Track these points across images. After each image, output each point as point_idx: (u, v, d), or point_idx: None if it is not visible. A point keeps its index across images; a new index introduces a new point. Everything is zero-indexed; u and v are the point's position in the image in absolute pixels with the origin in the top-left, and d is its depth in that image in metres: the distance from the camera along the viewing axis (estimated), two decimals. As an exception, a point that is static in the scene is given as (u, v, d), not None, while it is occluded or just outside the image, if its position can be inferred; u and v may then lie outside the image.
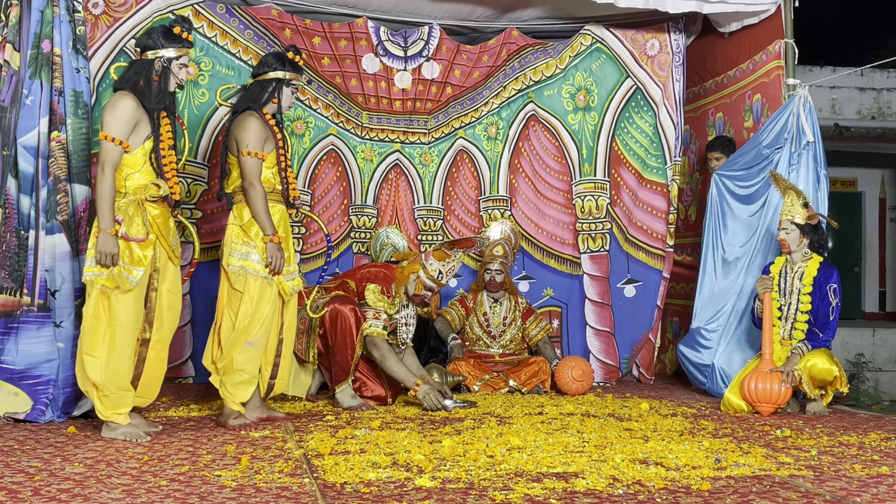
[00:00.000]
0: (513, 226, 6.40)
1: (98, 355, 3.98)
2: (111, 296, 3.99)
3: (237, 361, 4.38)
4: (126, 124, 4.01)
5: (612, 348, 6.60)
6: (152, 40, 4.15)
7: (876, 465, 3.62)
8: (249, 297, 4.40)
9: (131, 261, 4.01)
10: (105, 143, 3.99)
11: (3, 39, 4.55)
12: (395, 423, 4.51)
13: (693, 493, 3.12)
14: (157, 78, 4.12)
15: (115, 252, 3.95)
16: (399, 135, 6.64)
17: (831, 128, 11.47)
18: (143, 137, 4.08)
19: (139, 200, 4.06)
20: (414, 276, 5.27)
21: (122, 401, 4.04)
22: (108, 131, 3.99)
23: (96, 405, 4.05)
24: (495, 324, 6.14)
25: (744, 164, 6.04)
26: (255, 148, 4.37)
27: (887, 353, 11.45)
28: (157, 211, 4.12)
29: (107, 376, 3.98)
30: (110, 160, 3.98)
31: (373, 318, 5.08)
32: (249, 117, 4.45)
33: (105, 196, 3.96)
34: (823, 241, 5.23)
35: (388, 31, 6.49)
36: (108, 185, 3.97)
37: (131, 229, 4.01)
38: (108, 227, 3.96)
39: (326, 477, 3.26)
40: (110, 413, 4.02)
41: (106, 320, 4.00)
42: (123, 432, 4.00)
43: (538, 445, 3.89)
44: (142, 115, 4.06)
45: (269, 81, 4.55)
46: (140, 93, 4.09)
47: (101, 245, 3.95)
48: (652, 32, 6.68)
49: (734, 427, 4.55)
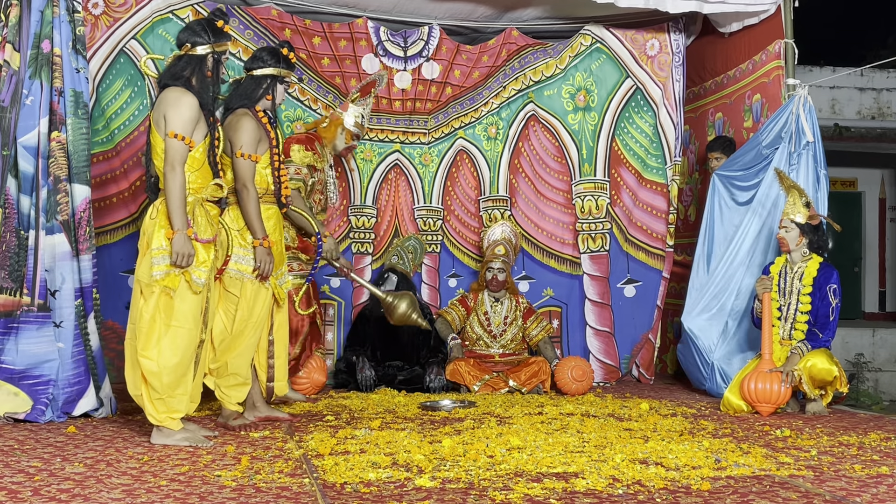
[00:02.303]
0: (513, 227, 6.41)
1: (153, 356, 3.83)
2: (174, 297, 3.85)
3: (232, 365, 4.36)
4: (190, 122, 3.88)
5: (611, 348, 6.60)
6: (199, 35, 4.01)
7: (876, 465, 3.62)
8: (246, 301, 4.35)
9: (198, 262, 3.90)
10: (172, 142, 3.84)
11: (3, 39, 4.55)
12: (395, 423, 4.51)
13: (693, 493, 3.12)
14: (210, 73, 4.03)
15: (192, 253, 3.82)
16: (399, 135, 6.65)
17: (831, 128, 11.46)
18: (202, 136, 3.96)
19: (199, 200, 3.96)
20: (340, 129, 5.43)
21: (178, 405, 3.91)
22: (174, 129, 3.85)
23: (148, 409, 3.88)
24: (496, 323, 6.15)
25: (743, 165, 6.04)
26: (248, 150, 4.28)
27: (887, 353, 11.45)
28: (215, 211, 4.06)
29: (166, 379, 3.84)
30: (180, 159, 3.84)
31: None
32: (244, 117, 4.37)
33: (178, 196, 3.81)
34: (823, 241, 5.23)
35: (388, 32, 6.49)
36: (179, 185, 3.82)
37: (199, 230, 3.90)
38: (182, 227, 3.81)
39: (326, 477, 3.26)
40: (164, 417, 3.88)
41: (172, 324, 3.86)
42: (182, 437, 3.88)
43: (538, 445, 3.89)
44: (200, 113, 3.95)
45: (263, 77, 4.47)
46: (194, 90, 3.97)
47: (179, 246, 3.79)
48: (652, 32, 6.68)
49: (734, 427, 4.55)
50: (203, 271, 3.91)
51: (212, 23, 4.08)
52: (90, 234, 4.68)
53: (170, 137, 3.86)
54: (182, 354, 3.88)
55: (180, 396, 3.91)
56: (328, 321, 6.36)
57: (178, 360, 3.86)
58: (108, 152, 5.75)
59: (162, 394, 3.86)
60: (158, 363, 3.83)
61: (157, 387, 3.84)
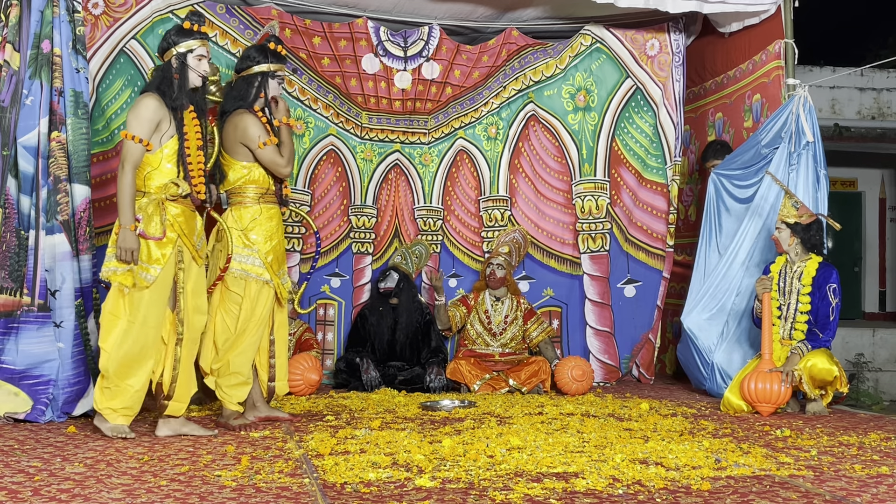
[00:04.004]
0: (525, 234, 6.43)
1: (109, 348, 4.00)
2: (130, 293, 4.00)
3: (233, 364, 4.38)
4: (147, 122, 4.01)
5: (612, 348, 6.60)
6: (167, 41, 4.18)
7: (876, 465, 3.62)
8: (249, 299, 4.39)
9: (149, 259, 4.02)
10: (126, 142, 4.01)
11: (3, 39, 4.55)
12: (395, 423, 4.51)
13: (693, 493, 3.12)
14: (177, 75, 4.12)
15: (134, 248, 3.96)
16: (399, 135, 6.64)
17: (831, 128, 11.45)
18: (167, 137, 4.08)
19: (160, 199, 4.06)
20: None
21: (123, 398, 4.01)
22: (129, 130, 4.01)
23: (95, 394, 4.07)
24: (496, 322, 6.15)
25: (742, 164, 6.04)
26: (265, 137, 4.40)
27: (887, 353, 11.45)
28: (177, 210, 4.10)
29: (112, 367, 3.99)
30: (130, 158, 4.00)
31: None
32: (244, 115, 4.42)
33: (124, 193, 3.99)
34: (816, 240, 5.22)
35: (388, 32, 6.48)
36: (127, 183, 3.99)
37: (149, 227, 4.02)
38: (127, 223, 3.97)
39: (326, 477, 3.27)
40: (104, 405, 4.03)
41: (125, 317, 4.01)
42: (111, 427, 4.02)
43: (538, 445, 3.89)
44: (164, 115, 4.06)
45: (253, 76, 4.51)
46: (162, 93, 4.09)
47: (121, 241, 3.97)
48: (652, 32, 6.68)
49: (734, 427, 4.55)
50: (156, 269, 4.02)
51: (180, 27, 4.18)
52: (90, 234, 4.69)
53: (126, 139, 4.01)
54: (129, 348, 4.01)
55: (127, 390, 4.02)
56: (328, 321, 6.36)
57: (125, 352, 4.00)
58: (108, 152, 5.75)
59: (109, 384, 4.01)
60: (110, 354, 4.00)
61: (107, 376, 4.02)
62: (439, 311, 6.19)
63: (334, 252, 6.44)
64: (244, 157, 4.45)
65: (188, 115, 4.19)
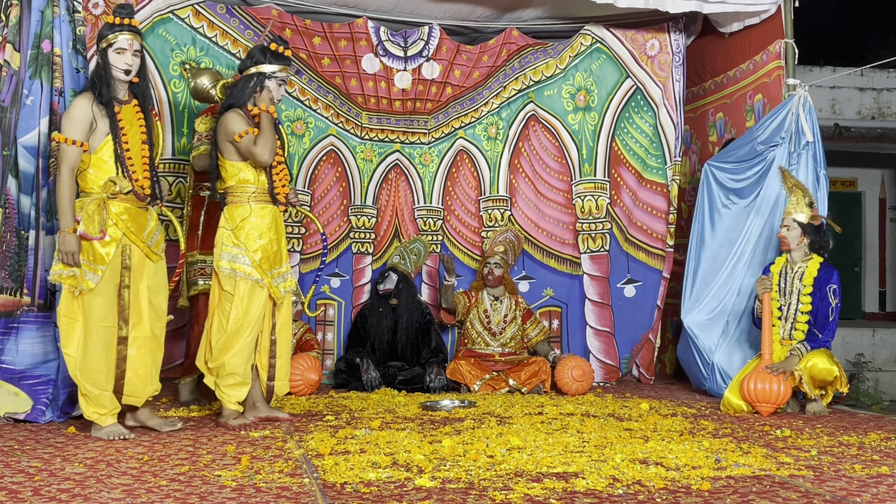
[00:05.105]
0: (518, 232, 6.43)
1: (72, 353, 3.98)
2: (81, 295, 3.98)
3: (229, 364, 4.37)
4: (79, 123, 3.98)
5: (612, 348, 6.60)
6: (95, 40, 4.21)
7: (876, 465, 3.62)
8: (240, 299, 4.37)
9: (94, 259, 3.99)
10: (60, 145, 3.99)
11: (3, 39, 4.55)
12: (395, 423, 4.51)
13: (693, 493, 3.12)
14: (102, 72, 4.08)
15: (74, 251, 3.93)
16: (399, 135, 6.65)
17: (831, 128, 11.45)
18: (104, 135, 4.03)
19: (101, 199, 4.02)
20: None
21: (100, 400, 4.02)
22: (63, 132, 4.00)
23: (81, 403, 4.05)
24: (496, 321, 6.15)
25: (737, 158, 6.05)
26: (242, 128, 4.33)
27: (887, 353, 11.44)
28: (120, 208, 4.06)
29: (82, 375, 3.98)
30: (66, 161, 3.97)
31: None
32: (228, 113, 4.40)
33: (61, 196, 3.96)
34: (824, 242, 5.22)
35: (388, 32, 6.48)
36: (64, 186, 3.96)
37: (88, 227, 3.97)
38: (66, 226, 3.94)
39: (326, 477, 3.26)
40: (90, 412, 4.02)
41: (81, 320, 3.99)
42: (107, 432, 4.00)
43: (538, 445, 3.89)
44: (97, 113, 4.01)
45: (250, 77, 4.48)
46: (94, 91, 4.06)
47: (61, 244, 3.94)
48: (652, 32, 6.68)
49: (734, 427, 4.55)
50: (101, 269, 3.99)
51: (106, 22, 4.14)
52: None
53: (57, 141, 4.00)
54: (92, 349, 3.99)
55: (100, 392, 4.01)
56: (328, 321, 6.36)
57: (90, 355, 3.99)
58: (108, 152, 5.74)
59: (83, 390, 4.01)
60: (75, 359, 3.99)
61: (78, 383, 4.01)
62: (447, 291, 6.18)
63: (334, 252, 6.44)
64: (234, 155, 4.42)
65: (130, 110, 4.13)
